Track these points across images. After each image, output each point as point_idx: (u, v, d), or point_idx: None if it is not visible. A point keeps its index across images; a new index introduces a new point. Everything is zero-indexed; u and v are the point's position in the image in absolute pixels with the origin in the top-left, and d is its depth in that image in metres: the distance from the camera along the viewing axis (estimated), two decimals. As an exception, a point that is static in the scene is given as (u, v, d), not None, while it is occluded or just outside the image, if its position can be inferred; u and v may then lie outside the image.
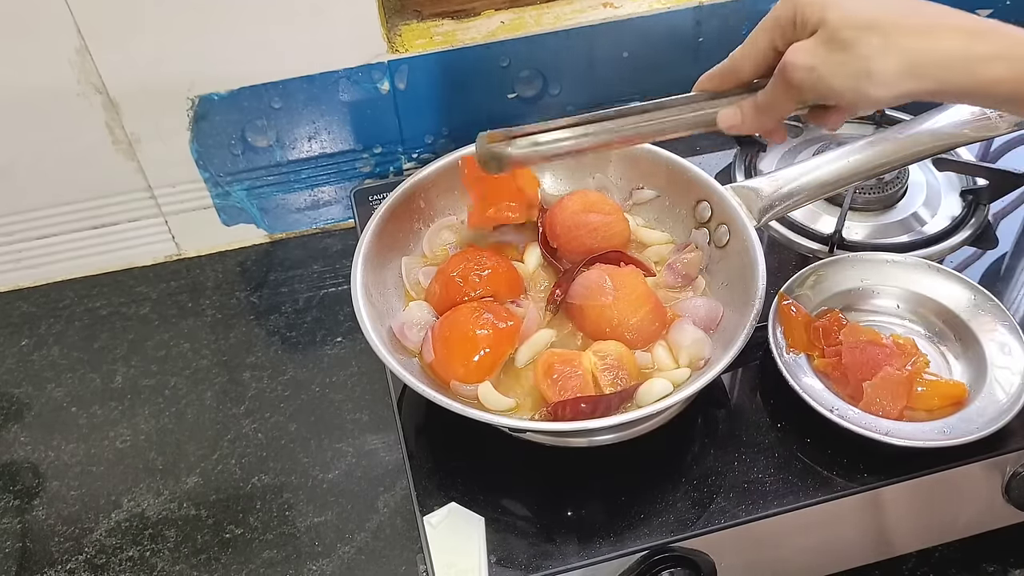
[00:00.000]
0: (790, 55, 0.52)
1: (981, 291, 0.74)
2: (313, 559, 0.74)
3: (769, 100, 0.56)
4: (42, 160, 0.89)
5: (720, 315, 0.73)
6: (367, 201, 0.93)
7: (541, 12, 0.95)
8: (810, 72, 0.52)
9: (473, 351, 0.68)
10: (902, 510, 0.69)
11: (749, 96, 0.58)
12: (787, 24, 0.53)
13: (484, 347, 0.68)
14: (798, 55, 0.52)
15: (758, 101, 0.57)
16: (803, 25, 0.52)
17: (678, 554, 0.64)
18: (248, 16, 0.84)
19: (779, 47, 0.54)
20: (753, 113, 0.57)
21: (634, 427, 0.68)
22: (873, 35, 0.50)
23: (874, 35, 0.49)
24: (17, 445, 0.84)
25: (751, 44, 0.56)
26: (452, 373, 0.69)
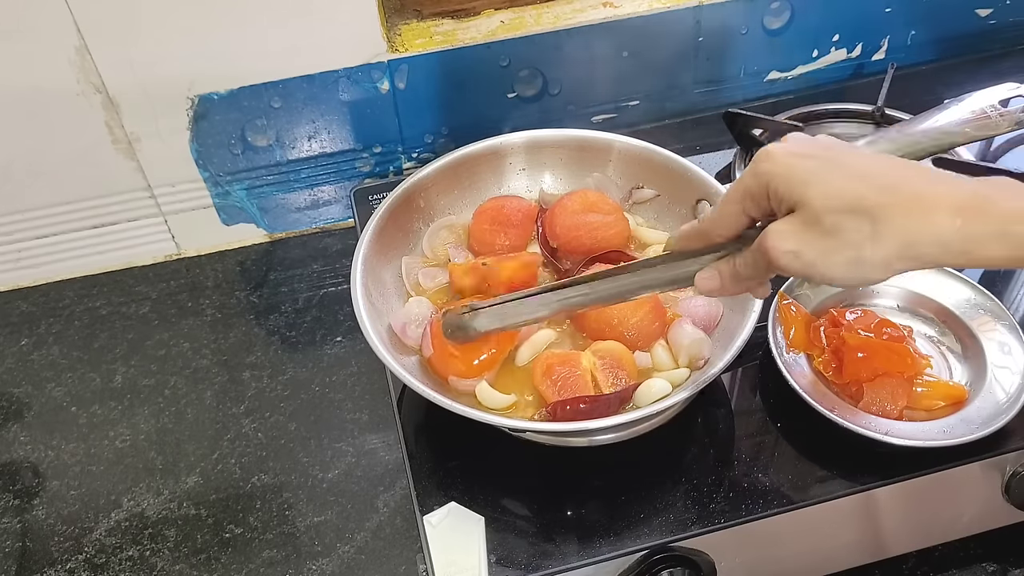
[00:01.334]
0: (771, 240, 0.49)
1: (981, 290, 0.74)
2: (313, 559, 0.74)
3: (750, 272, 0.53)
4: (41, 159, 0.89)
5: (720, 315, 0.73)
6: (367, 200, 0.93)
7: (541, 11, 0.95)
8: (795, 258, 0.48)
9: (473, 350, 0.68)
10: (902, 510, 0.69)
11: (726, 259, 0.55)
12: (759, 196, 0.50)
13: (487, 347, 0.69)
14: (780, 240, 0.48)
15: (738, 269, 0.54)
16: (778, 201, 0.49)
17: (678, 554, 0.64)
18: (248, 15, 0.84)
19: (752, 215, 0.52)
20: (732, 280, 0.54)
21: (634, 427, 0.68)
22: (860, 220, 0.46)
23: (862, 220, 0.46)
24: (17, 445, 0.84)
25: (722, 212, 0.53)
26: (451, 369, 0.69)
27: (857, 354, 0.69)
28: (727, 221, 0.53)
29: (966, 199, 0.46)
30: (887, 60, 1.05)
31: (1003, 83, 0.85)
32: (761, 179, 0.49)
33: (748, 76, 1.04)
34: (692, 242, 0.56)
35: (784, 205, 0.49)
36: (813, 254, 0.48)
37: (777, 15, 0.98)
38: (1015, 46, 1.09)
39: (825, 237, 0.47)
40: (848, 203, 0.46)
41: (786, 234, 0.48)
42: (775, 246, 0.49)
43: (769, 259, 0.49)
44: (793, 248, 0.48)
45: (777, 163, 0.49)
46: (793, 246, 0.48)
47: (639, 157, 0.82)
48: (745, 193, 0.51)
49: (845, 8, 1.00)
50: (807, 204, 0.47)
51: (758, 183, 0.50)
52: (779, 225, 0.49)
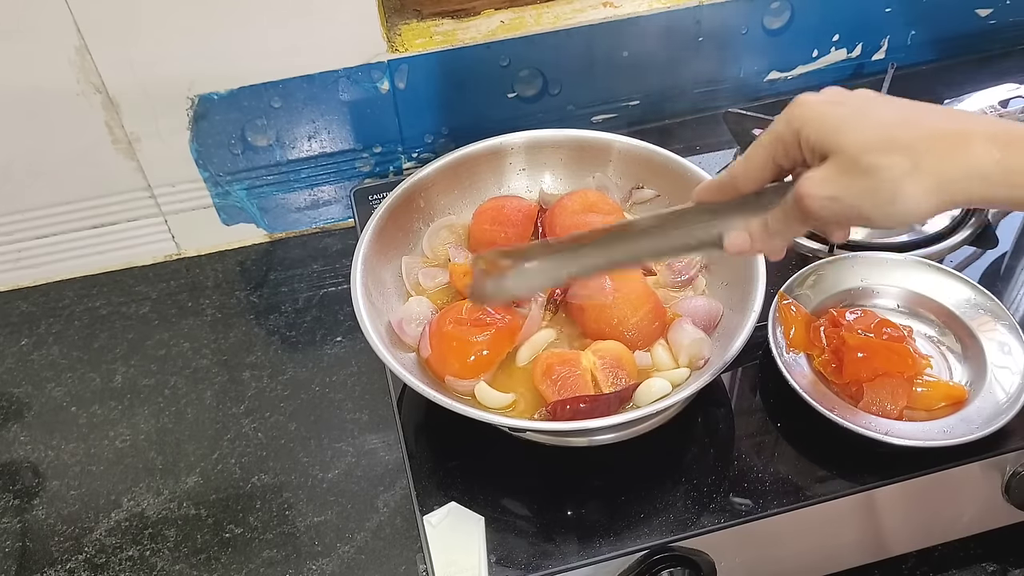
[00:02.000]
0: (806, 187, 0.48)
1: (981, 291, 0.74)
2: (313, 558, 0.74)
3: (782, 226, 0.51)
4: (41, 159, 0.89)
5: (720, 315, 0.73)
6: (367, 200, 0.93)
7: (541, 11, 0.95)
8: (832, 202, 0.47)
9: (469, 350, 0.68)
10: (902, 510, 0.69)
11: (757, 218, 0.53)
12: (791, 144, 0.49)
13: (480, 348, 0.69)
14: (816, 186, 0.47)
15: (769, 226, 0.52)
16: (809, 148, 0.48)
17: (678, 554, 0.64)
18: (248, 15, 0.84)
19: (781, 164, 0.51)
20: (763, 237, 0.53)
21: (634, 427, 0.68)
22: (897, 156, 0.45)
23: (898, 156, 0.45)
24: (17, 445, 0.84)
25: (750, 160, 0.52)
26: (447, 370, 0.69)
27: (857, 354, 0.69)
28: (755, 170, 0.52)
29: (1004, 133, 0.45)
30: (887, 60, 1.05)
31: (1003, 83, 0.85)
32: (793, 125, 0.49)
33: (748, 76, 1.04)
34: (717, 195, 0.54)
35: (817, 153, 0.48)
36: (852, 197, 0.46)
37: (777, 15, 0.98)
38: (1015, 46, 1.09)
39: (863, 178, 0.46)
40: (884, 142, 0.46)
41: (822, 181, 0.47)
42: (811, 193, 0.47)
43: (805, 208, 0.48)
44: (831, 193, 0.47)
45: (810, 109, 0.48)
46: (831, 191, 0.47)
47: (639, 157, 0.82)
48: (776, 140, 0.50)
49: (845, 8, 1.00)
50: (842, 149, 0.46)
51: (790, 129, 0.49)
52: (814, 173, 0.48)
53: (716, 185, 0.54)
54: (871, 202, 0.46)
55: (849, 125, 0.47)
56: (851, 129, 0.47)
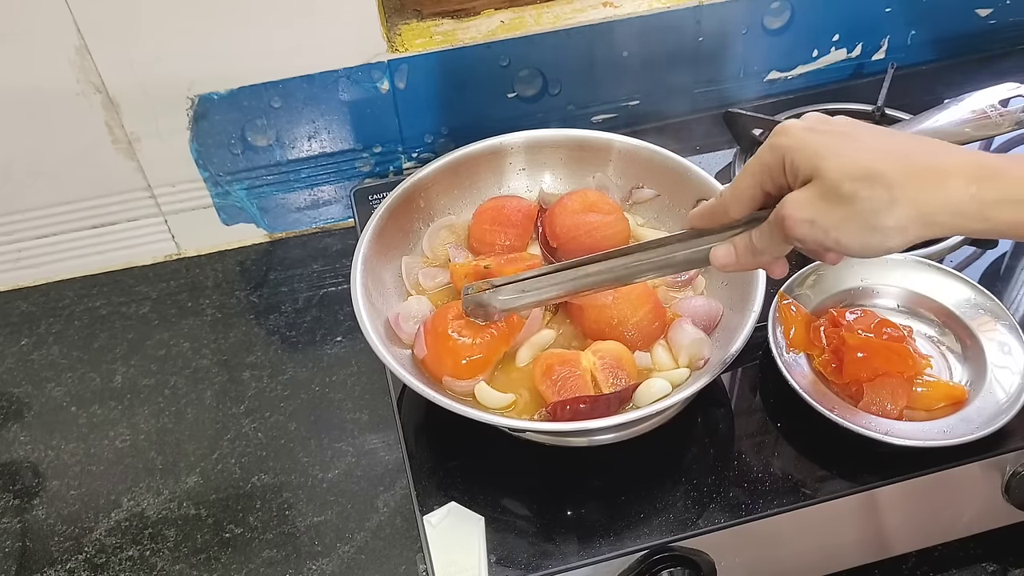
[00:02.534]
0: (787, 209, 0.49)
1: (981, 290, 0.74)
2: (313, 558, 0.74)
3: (766, 243, 0.53)
4: (41, 159, 0.89)
5: (720, 315, 0.73)
6: (367, 200, 0.93)
7: (541, 11, 0.95)
8: (811, 226, 0.49)
9: (463, 353, 0.68)
10: (902, 510, 0.69)
11: (742, 233, 0.55)
12: (776, 170, 0.51)
13: (475, 351, 0.69)
14: (796, 209, 0.49)
15: (754, 243, 0.54)
16: (793, 173, 0.50)
17: (678, 554, 0.64)
18: (248, 15, 0.84)
19: (768, 191, 0.52)
20: (748, 254, 0.55)
21: (634, 427, 0.68)
22: (876, 187, 0.46)
23: (877, 187, 0.46)
24: (17, 444, 0.84)
25: (739, 187, 0.54)
26: (443, 370, 0.69)
27: (857, 354, 0.69)
28: (744, 197, 0.54)
29: (979, 168, 0.47)
30: (887, 60, 1.05)
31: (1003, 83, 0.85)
32: (777, 152, 0.50)
33: (748, 76, 1.04)
34: (708, 220, 0.57)
35: (800, 177, 0.49)
36: (829, 222, 0.48)
37: (777, 15, 0.98)
38: (1015, 46, 1.09)
39: (842, 205, 0.47)
40: (863, 172, 0.47)
41: (803, 203, 0.49)
42: (791, 214, 0.49)
43: (785, 228, 0.50)
44: (809, 216, 0.48)
45: (793, 137, 0.50)
46: (809, 215, 0.48)
47: (639, 157, 0.82)
48: (762, 167, 0.52)
49: (845, 8, 1.00)
50: (823, 175, 0.48)
51: (774, 157, 0.51)
52: (796, 195, 0.49)
53: (708, 211, 0.57)
54: (848, 229, 0.48)
55: (831, 151, 0.48)
56: (833, 155, 0.48)
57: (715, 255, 0.56)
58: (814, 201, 0.48)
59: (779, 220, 0.50)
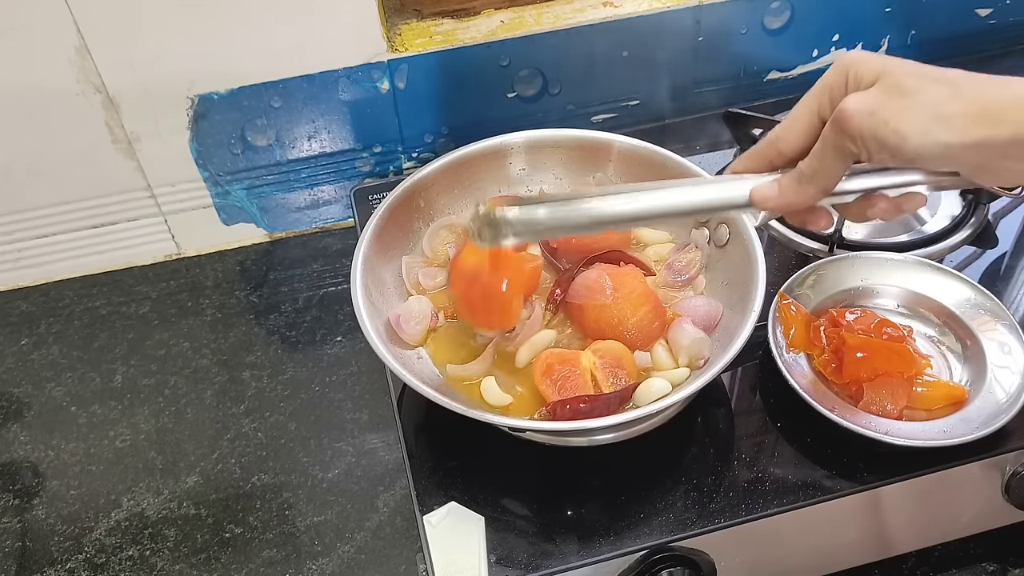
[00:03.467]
0: (846, 101, 0.48)
1: (981, 290, 0.74)
2: (313, 558, 0.74)
3: (816, 164, 0.51)
4: (41, 159, 0.89)
5: (720, 315, 0.73)
6: (367, 200, 0.93)
7: (541, 11, 0.95)
8: (871, 116, 0.47)
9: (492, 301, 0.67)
10: (902, 510, 0.69)
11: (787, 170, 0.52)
12: (838, 88, 0.50)
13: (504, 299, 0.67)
14: (856, 100, 0.48)
15: (802, 168, 0.51)
16: (856, 83, 0.49)
17: (678, 554, 0.64)
18: (248, 15, 0.84)
19: (826, 117, 0.51)
20: (794, 183, 0.52)
21: (634, 427, 0.68)
22: (940, 83, 0.47)
23: (941, 83, 0.47)
24: (17, 444, 0.84)
25: (796, 114, 0.52)
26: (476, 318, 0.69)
27: (857, 354, 0.69)
28: (800, 125, 0.52)
29: None
30: (887, 60, 1.05)
31: (1003, 83, 0.85)
32: (841, 69, 0.50)
33: (748, 76, 1.04)
34: (756, 162, 0.54)
35: (863, 84, 0.49)
36: (890, 111, 0.47)
37: (777, 15, 0.98)
38: (1015, 46, 1.09)
39: (904, 97, 0.47)
40: (929, 73, 0.48)
41: (864, 96, 0.48)
42: (849, 107, 0.48)
43: (844, 120, 0.48)
44: (869, 107, 0.48)
45: (857, 56, 0.50)
46: (870, 105, 0.48)
47: (639, 157, 0.82)
48: (824, 88, 0.51)
49: (845, 8, 1.00)
50: (887, 73, 0.48)
51: (837, 74, 0.50)
52: (857, 93, 0.49)
53: (756, 151, 0.54)
54: (910, 118, 0.47)
55: (896, 63, 0.49)
56: (898, 63, 0.48)
57: (757, 191, 0.52)
58: (877, 95, 0.48)
59: (837, 117, 0.49)
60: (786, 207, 0.53)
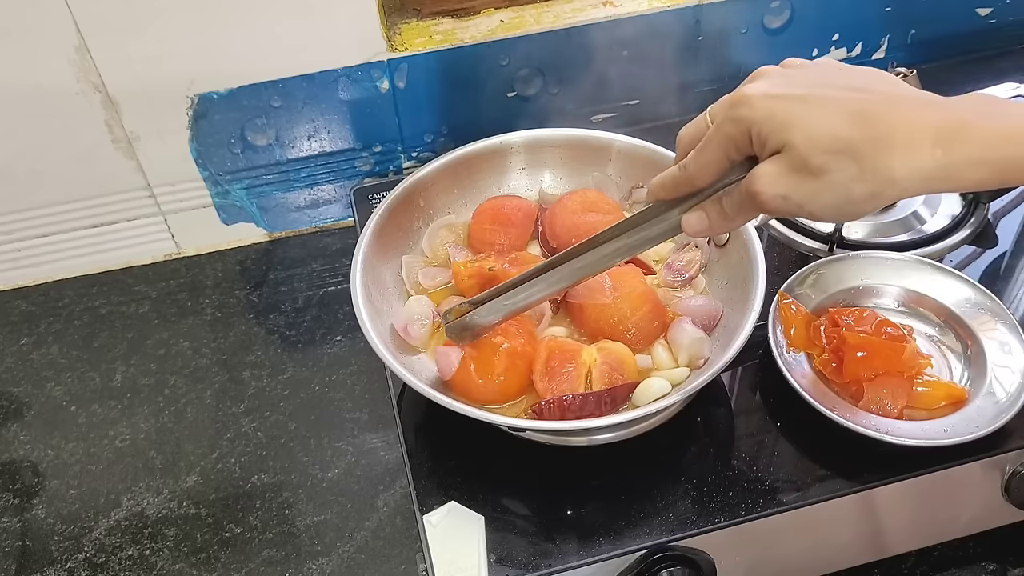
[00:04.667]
0: (759, 184, 0.49)
1: (981, 290, 0.74)
2: (313, 558, 0.74)
3: (736, 212, 0.53)
4: (41, 159, 0.89)
5: (720, 314, 0.73)
6: (367, 200, 0.93)
7: (541, 11, 0.95)
8: (784, 201, 0.49)
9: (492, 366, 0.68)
10: (902, 509, 0.69)
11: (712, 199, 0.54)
12: (742, 142, 0.50)
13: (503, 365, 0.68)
14: (768, 185, 0.49)
15: (725, 210, 0.53)
16: (761, 144, 0.49)
17: (678, 553, 0.64)
18: (247, 15, 0.84)
19: (734, 158, 0.52)
20: (721, 219, 0.54)
21: (634, 426, 0.68)
22: (845, 161, 0.47)
23: (846, 161, 0.47)
24: (16, 444, 0.84)
25: (704, 159, 0.53)
26: (474, 395, 0.69)
27: (857, 353, 0.69)
28: (710, 168, 0.53)
29: (944, 127, 0.47)
30: (887, 60, 1.05)
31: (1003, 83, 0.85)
32: (742, 125, 0.50)
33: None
34: (673, 191, 0.56)
35: (768, 148, 0.49)
36: (802, 196, 0.48)
37: (777, 14, 0.98)
38: (1015, 46, 1.09)
39: (812, 179, 0.48)
40: (832, 143, 0.47)
41: (773, 177, 0.49)
42: (763, 191, 0.49)
43: (758, 203, 0.50)
44: (782, 192, 0.49)
45: (757, 108, 0.49)
46: (782, 190, 0.49)
47: (639, 157, 0.82)
48: (727, 140, 0.51)
49: (845, 7, 1.00)
50: (792, 147, 0.48)
51: (739, 129, 0.50)
52: (766, 168, 0.49)
53: (671, 182, 0.55)
54: (821, 202, 0.48)
55: (798, 120, 0.48)
56: (800, 125, 0.48)
57: (687, 223, 0.55)
58: (785, 175, 0.48)
59: (752, 196, 0.50)
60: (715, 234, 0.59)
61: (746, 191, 0.51)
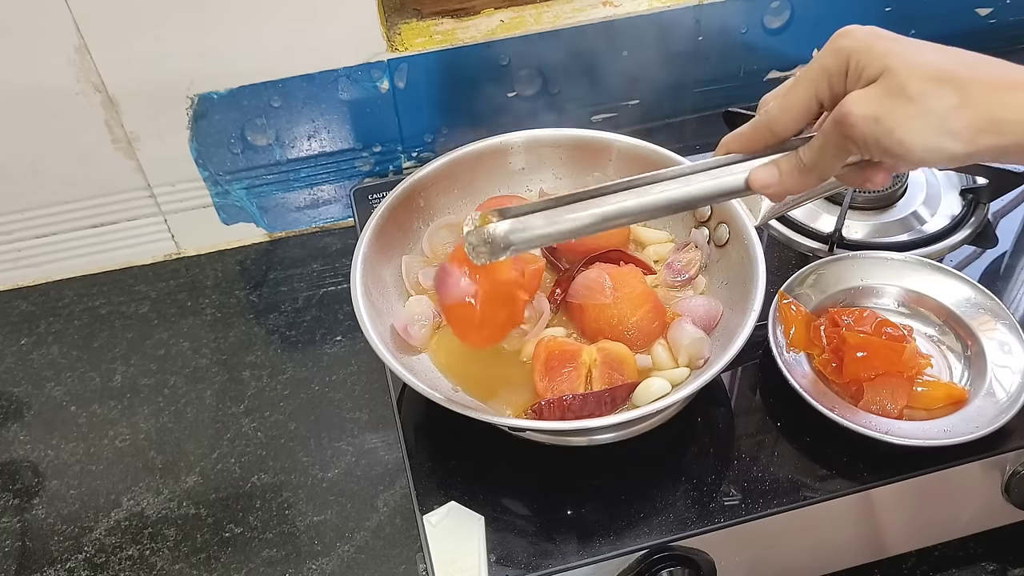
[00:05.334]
0: (848, 104, 0.47)
1: (981, 290, 0.74)
2: (313, 558, 0.74)
3: (816, 157, 0.50)
4: (41, 159, 0.89)
5: (719, 314, 0.73)
6: (367, 200, 0.93)
7: (540, 11, 0.95)
8: (875, 124, 0.46)
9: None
10: (902, 509, 0.69)
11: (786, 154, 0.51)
12: (837, 76, 0.48)
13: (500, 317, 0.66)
14: (860, 105, 0.46)
15: (802, 158, 0.50)
16: (857, 75, 0.47)
17: (678, 553, 0.64)
18: (247, 15, 0.84)
19: (824, 101, 0.49)
20: (794, 172, 0.50)
21: (634, 426, 0.68)
22: (947, 88, 0.45)
23: (948, 88, 0.45)
24: (16, 444, 0.84)
25: (791, 96, 0.50)
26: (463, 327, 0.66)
27: (857, 353, 0.69)
28: (795, 109, 0.50)
29: None
30: (887, 59, 1.05)
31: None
32: (841, 55, 0.48)
33: (748, 76, 1.04)
34: (747, 143, 0.53)
35: (864, 79, 0.47)
36: (895, 120, 0.46)
37: (777, 14, 0.98)
38: (1015, 46, 1.09)
39: (908, 103, 0.45)
40: (935, 72, 0.45)
41: (867, 100, 0.46)
42: (853, 111, 0.46)
43: (846, 126, 0.47)
44: (874, 113, 0.46)
45: (859, 39, 0.48)
46: (874, 111, 0.46)
47: (639, 157, 0.82)
48: (822, 72, 0.49)
49: (845, 7, 1.00)
50: (891, 72, 0.46)
51: (837, 60, 0.48)
52: (859, 92, 0.47)
53: (748, 130, 0.52)
54: (915, 129, 0.45)
55: (900, 51, 0.46)
56: (903, 55, 0.46)
57: (755, 176, 0.51)
58: (880, 98, 0.46)
59: (839, 119, 0.47)
60: (784, 194, 0.52)
61: (833, 119, 0.48)
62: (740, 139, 0.53)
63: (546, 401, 0.65)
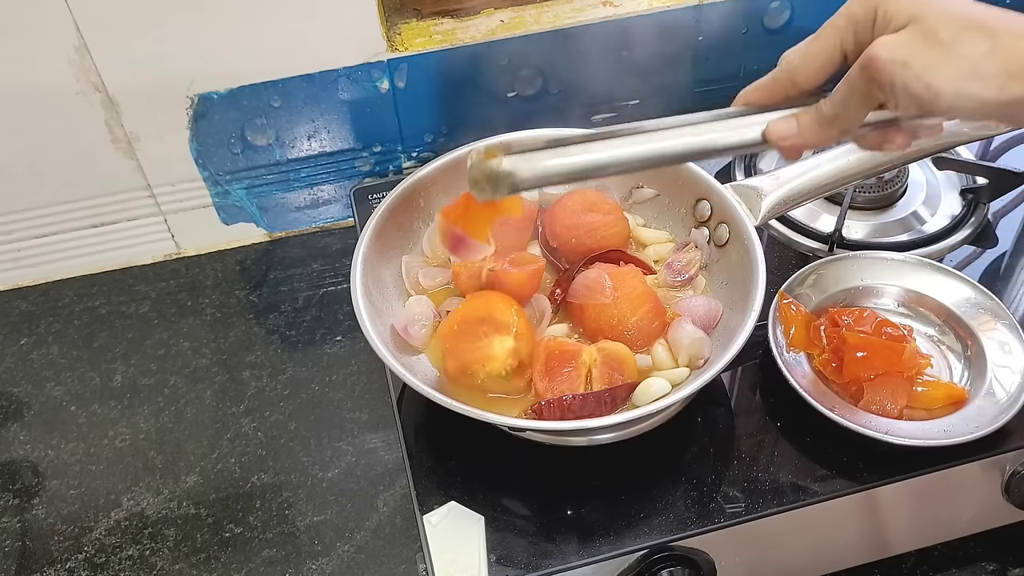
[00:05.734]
0: (876, 48, 0.45)
1: (981, 290, 0.74)
2: (313, 558, 0.74)
3: (839, 108, 0.48)
4: (41, 159, 0.89)
5: (719, 314, 0.73)
6: (367, 200, 0.93)
7: (540, 11, 0.94)
8: (903, 68, 0.44)
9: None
10: (902, 509, 0.69)
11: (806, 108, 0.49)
12: (864, 24, 0.46)
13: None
14: (887, 49, 0.44)
15: (823, 110, 0.48)
16: (885, 23, 0.46)
17: (678, 553, 0.64)
18: (247, 15, 0.83)
19: (848, 51, 0.48)
20: (814, 124, 0.49)
21: (634, 426, 0.68)
22: (978, 34, 0.43)
23: (979, 34, 0.43)
24: (16, 444, 0.84)
25: (814, 45, 0.48)
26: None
27: (857, 353, 0.69)
28: (818, 59, 0.49)
29: None
30: (887, 59, 1.05)
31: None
32: (868, 3, 0.46)
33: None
34: (767, 94, 0.51)
35: (892, 26, 0.46)
36: (924, 64, 0.44)
37: (777, 14, 0.98)
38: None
39: (939, 48, 0.44)
40: (966, 19, 0.44)
41: (896, 44, 0.45)
42: (880, 54, 0.45)
43: (874, 70, 0.45)
44: (903, 57, 0.44)
45: None
46: (903, 55, 0.44)
47: (639, 156, 0.82)
48: (847, 20, 0.47)
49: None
50: (921, 19, 0.44)
51: (864, 8, 0.47)
52: (888, 37, 0.45)
53: (768, 81, 0.51)
54: (945, 73, 0.44)
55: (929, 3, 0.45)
56: (932, 3, 0.45)
57: (773, 128, 0.50)
58: (910, 43, 0.44)
59: (866, 63, 0.45)
60: (803, 147, 0.50)
61: (860, 64, 0.46)
62: (759, 90, 0.51)
63: (546, 401, 0.65)
